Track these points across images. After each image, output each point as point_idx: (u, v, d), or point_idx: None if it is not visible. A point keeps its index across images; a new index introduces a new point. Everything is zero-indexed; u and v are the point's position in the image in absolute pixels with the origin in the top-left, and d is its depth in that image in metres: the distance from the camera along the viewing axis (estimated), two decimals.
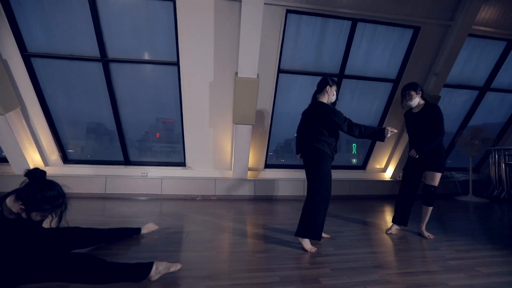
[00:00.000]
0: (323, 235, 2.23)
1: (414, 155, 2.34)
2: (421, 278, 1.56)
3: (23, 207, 1.26)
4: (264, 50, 3.78)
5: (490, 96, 4.93)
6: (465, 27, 3.81)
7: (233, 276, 1.53)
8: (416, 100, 2.43)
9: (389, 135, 2.08)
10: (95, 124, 4.54)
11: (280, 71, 4.07)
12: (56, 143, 4.33)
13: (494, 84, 4.79)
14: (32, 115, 4.07)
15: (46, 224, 1.51)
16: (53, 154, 4.42)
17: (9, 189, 1.28)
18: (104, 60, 3.80)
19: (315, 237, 1.99)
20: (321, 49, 4.06)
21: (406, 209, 2.50)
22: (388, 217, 3.27)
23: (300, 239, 2.00)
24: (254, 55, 3.50)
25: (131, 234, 2.14)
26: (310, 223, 1.98)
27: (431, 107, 2.38)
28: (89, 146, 4.64)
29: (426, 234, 2.41)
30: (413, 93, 2.40)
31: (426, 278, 1.57)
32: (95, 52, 3.75)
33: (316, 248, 1.96)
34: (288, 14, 3.67)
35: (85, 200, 3.90)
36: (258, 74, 3.77)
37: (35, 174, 1.31)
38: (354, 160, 5.46)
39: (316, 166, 2.05)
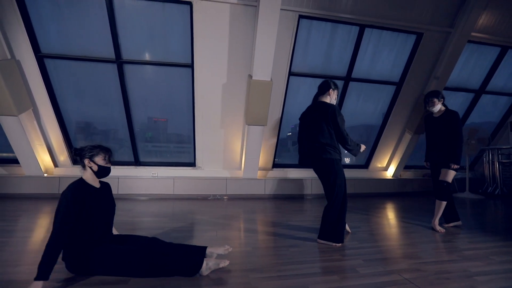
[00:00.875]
0: (346, 227, 2.38)
1: (456, 168, 2.51)
2: (445, 266, 1.73)
3: (88, 159, 1.59)
4: (277, 53, 3.90)
5: (484, 98, 5.23)
6: (464, 34, 4.05)
7: (277, 269, 1.66)
8: (438, 107, 2.62)
9: (362, 150, 2.24)
10: (105, 125, 4.55)
11: (291, 74, 4.20)
12: (66, 144, 4.33)
13: (489, 87, 5.09)
14: (43, 116, 4.06)
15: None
16: (62, 155, 4.42)
17: (20, 191, 1.39)
18: (119, 62, 3.84)
19: (337, 241, 2.08)
20: (330, 53, 4.23)
21: (450, 207, 2.71)
22: (391, 212, 3.46)
23: (323, 241, 2.12)
24: (269, 59, 3.62)
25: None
26: (333, 228, 2.09)
27: (451, 113, 2.58)
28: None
29: (438, 228, 2.56)
30: (435, 100, 2.61)
31: (449, 266, 1.74)
32: (110, 53, 3.78)
33: (339, 244, 2.10)
34: (301, 19, 3.81)
35: None
36: (271, 78, 3.90)
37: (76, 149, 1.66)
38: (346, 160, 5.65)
39: (332, 176, 2.10)
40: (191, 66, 3.97)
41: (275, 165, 5.02)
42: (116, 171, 4.43)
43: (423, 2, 3.91)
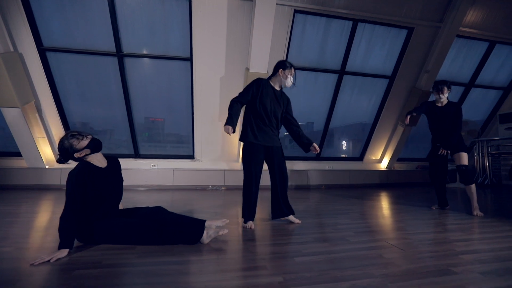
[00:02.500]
0: (292, 219, 2.28)
1: (444, 153, 2.65)
2: (429, 236, 1.86)
3: (76, 153, 1.59)
4: (273, 47, 4.03)
5: (474, 92, 5.41)
6: (453, 29, 4.22)
7: (272, 238, 1.79)
8: (447, 95, 2.69)
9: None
10: (106, 119, 4.64)
11: None
12: None
13: (478, 81, 5.27)
14: (45, 108, 4.15)
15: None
16: None
17: (22, 182, 1.44)
18: (120, 55, 3.94)
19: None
20: (325, 47, 4.37)
21: (442, 193, 2.84)
22: (384, 199, 3.60)
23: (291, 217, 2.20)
24: (265, 52, 3.75)
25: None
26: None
27: (455, 104, 2.70)
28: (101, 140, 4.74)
29: (479, 213, 2.52)
30: (445, 88, 2.65)
31: (433, 235, 1.88)
32: (110, 47, 3.89)
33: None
34: (296, 14, 3.95)
35: None
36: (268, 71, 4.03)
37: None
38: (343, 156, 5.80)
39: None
40: (190, 59, 4.09)
41: None
42: None
43: None
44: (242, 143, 2.19)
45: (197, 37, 3.90)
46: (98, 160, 1.68)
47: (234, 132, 2.02)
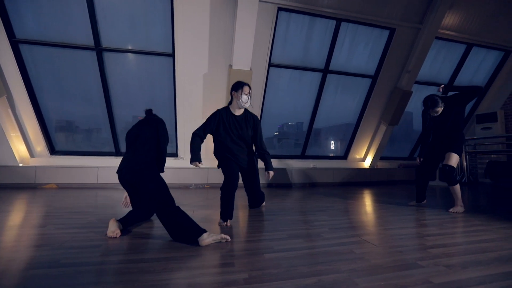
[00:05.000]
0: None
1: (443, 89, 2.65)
2: (403, 231, 1.89)
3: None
4: (257, 44, 4.01)
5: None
6: (432, 30, 4.32)
7: (247, 235, 1.76)
8: (441, 110, 2.63)
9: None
10: (85, 116, 4.48)
11: (270, 65, 4.32)
12: (43, 134, 4.24)
13: (457, 82, 5.43)
14: (18, 104, 3.96)
15: None
16: (39, 145, 4.32)
17: None
18: (98, 49, 3.81)
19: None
20: (308, 46, 4.38)
21: (423, 189, 2.92)
22: (365, 196, 3.65)
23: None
24: (248, 49, 3.72)
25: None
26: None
27: (452, 109, 2.64)
28: (79, 137, 4.58)
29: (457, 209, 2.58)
30: (438, 109, 2.59)
31: (406, 230, 1.90)
32: (89, 40, 3.75)
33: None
34: (280, 11, 3.94)
35: (77, 190, 3.89)
36: (251, 67, 4.00)
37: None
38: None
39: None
40: (172, 55, 4.00)
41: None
42: (95, 161, 4.39)
43: None
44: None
45: (179, 33, 3.82)
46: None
47: (201, 162, 2.20)
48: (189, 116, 4.43)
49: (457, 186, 2.68)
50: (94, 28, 3.67)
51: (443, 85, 2.73)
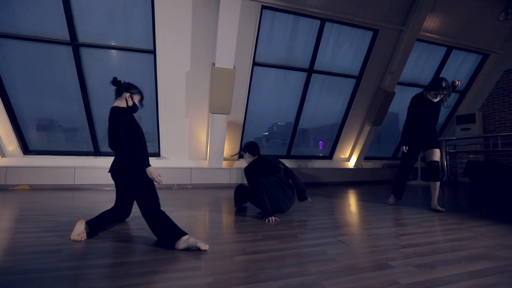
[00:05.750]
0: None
1: (458, 84, 2.74)
2: (379, 231, 1.88)
3: (129, 93, 1.86)
4: (240, 43, 3.96)
5: None
6: (414, 32, 4.40)
7: (220, 237, 1.71)
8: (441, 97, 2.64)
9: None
10: (62, 113, 4.29)
11: (255, 63, 4.28)
12: (15, 132, 4.03)
13: None
14: None
15: None
16: (11, 144, 4.11)
17: None
18: (74, 44, 3.66)
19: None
20: (293, 45, 4.37)
21: (404, 185, 2.92)
22: (348, 196, 3.67)
23: None
24: (231, 46, 3.66)
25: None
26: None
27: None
28: (55, 136, 4.39)
29: (439, 208, 2.62)
30: (443, 95, 2.58)
31: (382, 230, 1.90)
32: (64, 35, 3.59)
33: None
34: (264, 10, 3.90)
35: (51, 191, 3.72)
36: (234, 65, 3.94)
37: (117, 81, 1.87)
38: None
39: None
40: (153, 52, 3.89)
41: (241, 155, 5.07)
42: (72, 161, 4.22)
43: (379, 0, 4.19)
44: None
45: (160, 29, 3.72)
46: None
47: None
48: (172, 115, 4.33)
49: (439, 183, 2.76)
50: (70, 22, 3.51)
51: (461, 81, 2.81)
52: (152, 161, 4.54)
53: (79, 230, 1.65)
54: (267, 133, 5.48)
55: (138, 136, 1.77)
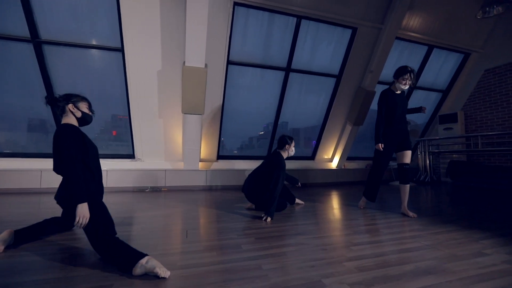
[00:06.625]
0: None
1: (425, 110, 2.82)
2: (332, 240, 1.77)
3: (72, 104, 1.62)
4: (213, 41, 3.82)
5: (417, 94, 5.65)
6: (393, 30, 4.31)
7: (157, 248, 1.58)
8: (409, 84, 2.60)
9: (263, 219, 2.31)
10: (28, 114, 4.11)
11: (229, 62, 4.15)
12: None
13: (420, 83, 5.50)
14: None
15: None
16: None
17: None
18: (36, 42, 3.49)
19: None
20: (269, 43, 4.25)
21: (378, 187, 2.80)
22: (323, 198, 3.56)
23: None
24: (201, 45, 3.53)
25: None
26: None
27: (404, 92, 2.72)
28: (21, 138, 4.21)
29: (411, 214, 2.48)
30: (411, 81, 2.58)
31: (336, 239, 1.79)
32: (24, 31, 3.42)
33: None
34: (236, 6, 3.77)
35: (17, 195, 3.55)
36: (206, 64, 3.81)
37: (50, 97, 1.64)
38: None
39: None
40: (121, 50, 3.74)
41: (220, 157, 4.95)
42: (39, 163, 4.05)
43: None
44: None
45: (127, 26, 3.56)
46: None
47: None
48: (145, 115, 4.18)
49: (409, 186, 2.67)
50: (29, 18, 3.34)
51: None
52: (125, 163, 4.40)
53: None
54: (262, 132, 5.35)
55: (87, 158, 1.54)
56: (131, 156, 4.52)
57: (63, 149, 1.44)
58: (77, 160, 1.44)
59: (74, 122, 1.62)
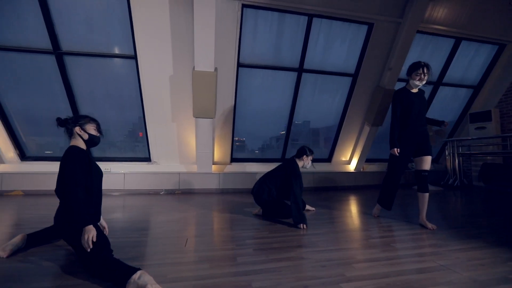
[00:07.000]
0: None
1: (446, 125, 2.56)
2: (332, 255, 1.65)
3: (79, 127, 1.65)
4: (222, 44, 3.81)
5: (443, 91, 5.22)
6: (413, 24, 4.00)
7: (162, 257, 1.58)
8: (426, 79, 2.42)
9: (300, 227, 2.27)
10: (52, 120, 4.39)
11: (239, 65, 4.12)
12: (11, 140, 4.19)
13: (447, 79, 5.07)
14: None
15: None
16: (10, 151, 4.27)
17: None
18: (58, 53, 3.71)
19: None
20: (280, 44, 4.15)
21: (395, 194, 2.59)
22: (338, 204, 3.40)
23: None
24: (210, 49, 3.53)
25: None
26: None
27: (423, 91, 2.54)
28: (48, 143, 4.51)
29: (430, 225, 2.28)
30: (427, 76, 2.40)
31: (338, 254, 1.67)
32: (47, 44, 3.65)
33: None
34: (244, 8, 3.72)
35: (45, 197, 3.81)
36: (216, 68, 3.81)
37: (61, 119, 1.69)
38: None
39: None
40: (134, 57, 3.86)
41: (233, 159, 4.94)
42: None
43: None
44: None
45: (139, 34, 3.67)
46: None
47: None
48: (159, 119, 4.29)
49: (428, 194, 2.43)
50: (51, 31, 3.56)
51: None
52: (142, 166, 4.55)
53: (6, 245, 1.61)
54: (284, 132, 5.28)
55: (91, 182, 1.57)
56: (148, 159, 4.66)
57: (68, 172, 1.48)
58: (80, 186, 1.47)
59: (81, 144, 1.66)
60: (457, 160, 5.25)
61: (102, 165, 4.40)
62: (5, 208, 3.05)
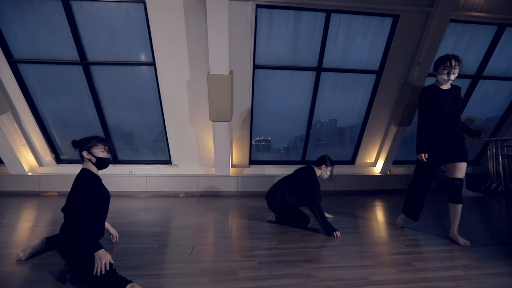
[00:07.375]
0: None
1: (483, 138, 2.33)
2: (343, 273, 1.52)
3: (86, 151, 1.65)
4: (237, 46, 3.78)
5: (484, 85, 4.67)
6: (445, 13, 3.62)
7: (157, 267, 1.58)
8: (457, 73, 2.15)
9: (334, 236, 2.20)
10: (84, 125, 4.67)
11: (255, 66, 4.05)
12: (48, 144, 4.56)
13: (488, 72, 4.52)
14: (23, 118, 4.30)
15: None
16: (47, 155, 4.66)
17: (6, 188, 1.35)
18: (84, 63, 3.94)
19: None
20: (297, 43, 4.00)
21: (422, 203, 2.36)
22: (361, 210, 3.19)
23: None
24: (224, 52, 3.51)
25: None
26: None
27: (458, 87, 2.26)
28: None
29: (462, 241, 2.04)
30: (457, 70, 2.13)
31: (348, 273, 1.53)
32: (75, 55, 3.90)
33: None
34: (259, 9, 3.64)
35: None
36: (232, 71, 3.79)
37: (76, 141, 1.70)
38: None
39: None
40: (153, 64, 3.98)
41: (252, 162, 4.90)
42: (126, 168, 4.59)
43: None
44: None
45: (157, 41, 3.76)
46: (95, 171, 1.72)
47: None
48: (177, 123, 4.38)
49: (461, 206, 2.15)
50: (78, 43, 3.79)
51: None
52: (163, 168, 4.69)
53: (27, 247, 1.71)
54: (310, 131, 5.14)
55: (96, 208, 1.61)
56: (168, 162, 4.79)
57: (81, 195, 1.51)
58: (88, 210, 1.52)
59: (91, 167, 1.68)
60: (501, 162, 4.67)
61: (127, 168, 4.69)
62: (43, 207, 3.32)
